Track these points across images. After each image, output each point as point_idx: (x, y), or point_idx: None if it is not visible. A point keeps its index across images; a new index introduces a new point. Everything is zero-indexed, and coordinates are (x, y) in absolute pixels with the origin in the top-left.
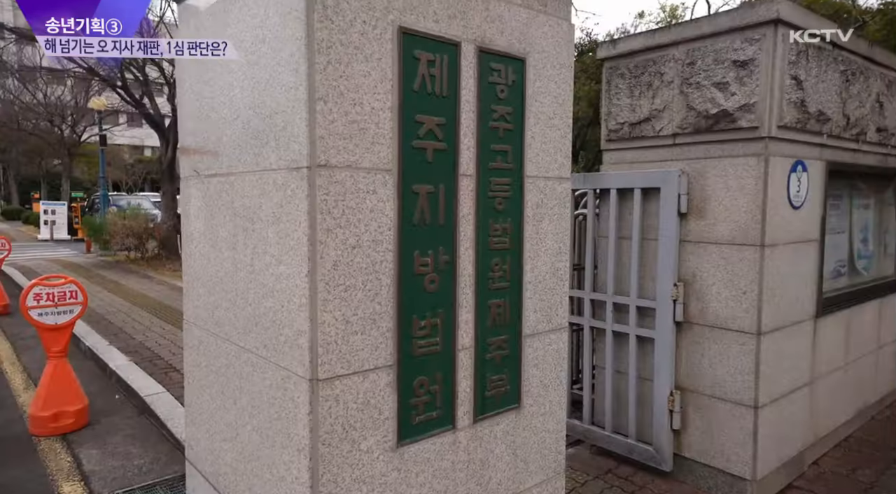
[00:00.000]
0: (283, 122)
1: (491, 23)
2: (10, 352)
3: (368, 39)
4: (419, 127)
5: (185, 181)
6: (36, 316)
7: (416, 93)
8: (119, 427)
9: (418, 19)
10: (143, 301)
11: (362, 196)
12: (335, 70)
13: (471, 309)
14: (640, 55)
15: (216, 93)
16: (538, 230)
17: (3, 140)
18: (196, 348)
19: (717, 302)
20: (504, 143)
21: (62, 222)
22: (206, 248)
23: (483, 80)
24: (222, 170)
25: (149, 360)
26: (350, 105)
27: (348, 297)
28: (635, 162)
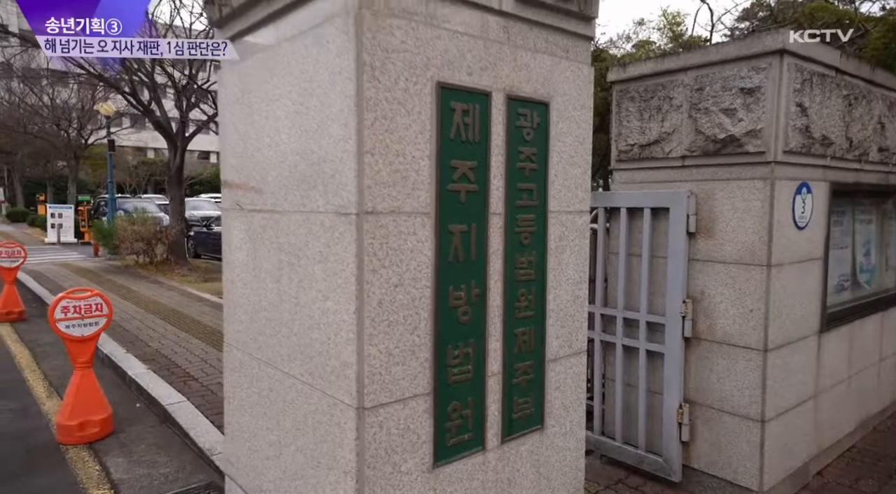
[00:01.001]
0: (332, 171)
1: (518, 71)
2: (29, 359)
3: (410, 95)
4: (454, 171)
5: (227, 213)
6: (63, 328)
7: (452, 141)
8: (143, 436)
9: (454, 74)
10: (155, 307)
11: (404, 238)
12: (381, 125)
13: (499, 337)
14: (649, 79)
15: (261, 135)
16: (560, 261)
17: (8, 143)
18: (237, 370)
19: (725, 319)
20: (530, 182)
21: (69, 225)
22: (249, 278)
23: (511, 124)
24: (266, 207)
25: (166, 369)
26: (394, 155)
27: (391, 331)
28: (645, 182)
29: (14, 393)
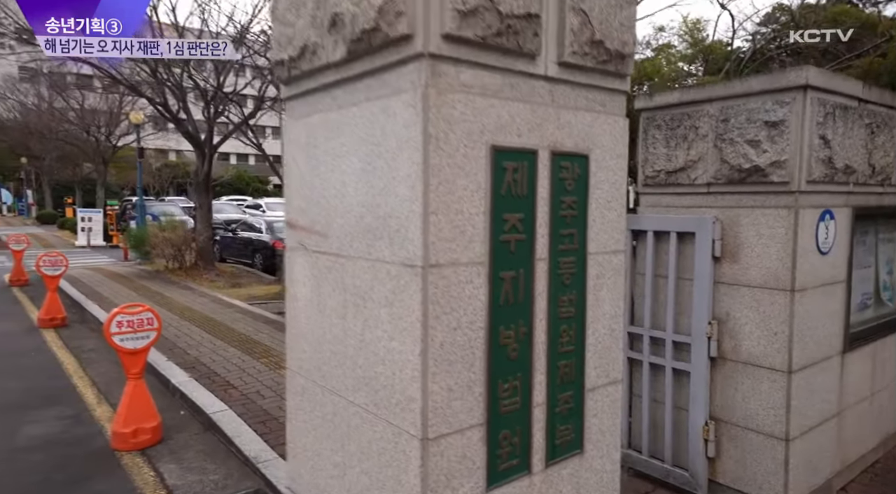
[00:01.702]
0: (398, 226)
1: (561, 129)
2: (76, 366)
3: (468, 159)
4: (505, 223)
5: (292, 251)
6: (118, 341)
7: (503, 196)
8: (190, 443)
9: (505, 136)
10: (190, 314)
11: (462, 286)
12: (444, 188)
13: (543, 370)
14: (675, 109)
15: (326, 185)
16: (598, 298)
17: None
18: (300, 394)
19: (750, 340)
20: (571, 228)
21: (98, 229)
22: (313, 312)
23: (554, 177)
24: (331, 250)
25: (207, 377)
26: (454, 213)
27: (451, 370)
28: (671, 206)
29: (66, 400)
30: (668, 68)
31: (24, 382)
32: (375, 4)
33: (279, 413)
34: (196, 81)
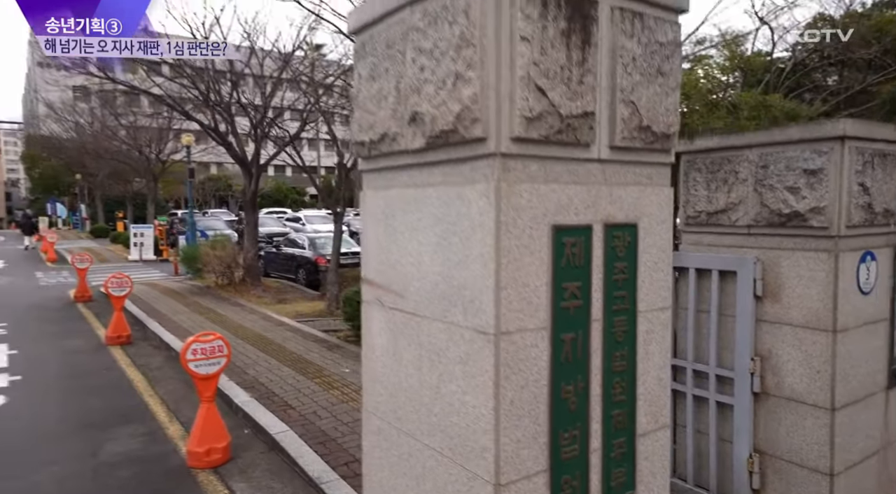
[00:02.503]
0: (472, 297)
1: (613, 203)
2: (145, 384)
3: (533, 240)
4: (565, 291)
5: (368, 304)
6: (193, 367)
7: (563, 268)
8: (256, 463)
9: (564, 216)
10: (243, 333)
11: (528, 349)
12: (512, 265)
13: (599, 420)
14: (715, 153)
15: (403, 253)
16: (647, 351)
17: (92, 164)
18: (376, 433)
19: (792, 377)
20: (623, 290)
21: (149, 244)
22: (389, 361)
23: (607, 246)
24: (408, 309)
25: (266, 397)
26: (521, 287)
27: (519, 423)
28: (712, 245)
29: (140, 418)
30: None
31: (102, 400)
32: (454, 110)
33: (336, 433)
34: (244, 107)
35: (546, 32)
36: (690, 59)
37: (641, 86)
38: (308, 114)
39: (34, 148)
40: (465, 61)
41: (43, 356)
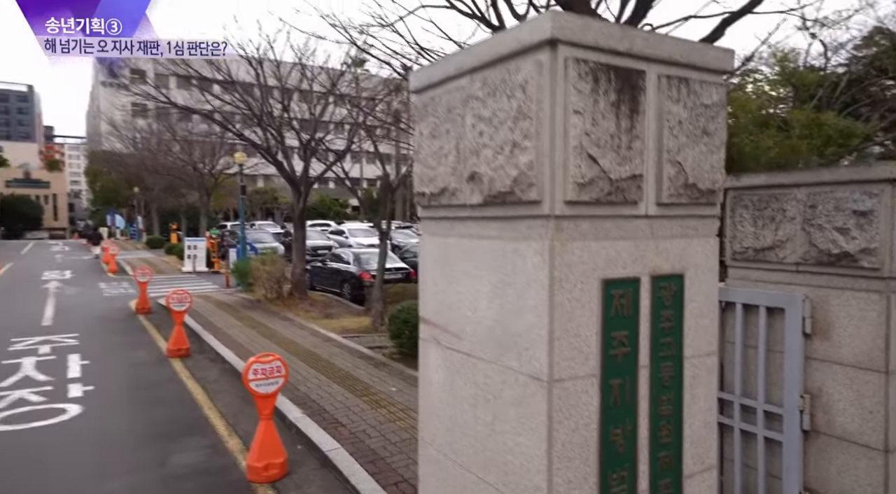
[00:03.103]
0: (526, 345)
1: (659, 255)
2: (205, 397)
3: (584, 293)
4: (613, 340)
5: (425, 342)
6: (254, 386)
7: (612, 318)
8: (310, 479)
9: (613, 270)
10: (294, 348)
11: (578, 395)
12: (564, 318)
13: (646, 461)
14: (762, 190)
15: (460, 298)
16: (694, 396)
17: (149, 178)
18: (432, 463)
19: (844, 417)
20: (669, 337)
21: (202, 256)
22: (446, 396)
23: (654, 296)
24: (464, 350)
25: (318, 414)
26: (573, 337)
27: (570, 465)
28: (760, 281)
29: (202, 430)
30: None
31: (166, 411)
32: (511, 175)
33: (385, 453)
34: (294, 128)
35: (597, 105)
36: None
37: (687, 146)
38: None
39: (97, 163)
40: (521, 131)
41: (112, 367)
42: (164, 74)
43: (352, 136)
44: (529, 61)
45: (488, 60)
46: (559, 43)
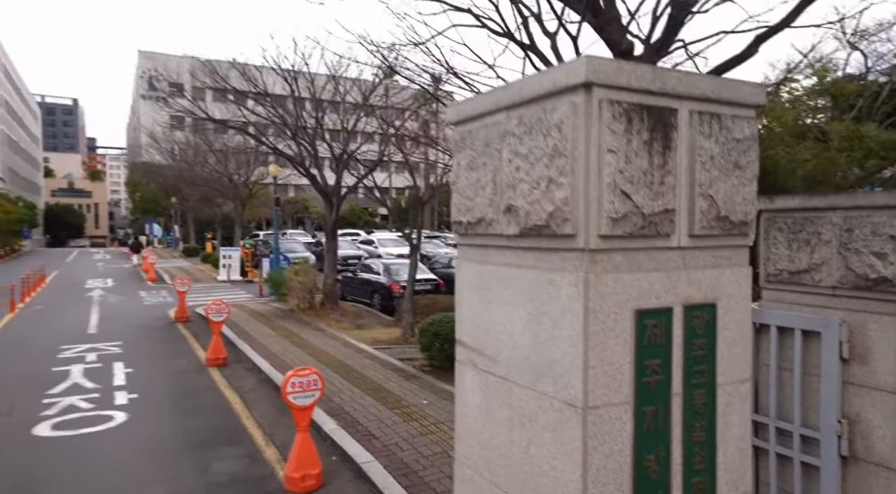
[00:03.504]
0: (561, 371)
1: (691, 285)
2: (242, 407)
3: (617, 323)
4: (647, 368)
5: (462, 364)
6: (292, 399)
7: (645, 347)
8: (345, 490)
9: (646, 301)
10: (326, 358)
11: (613, 422)
12: (599, 347)
13: (679, 487)
14: (796, 213)
15: (496, 323)
16: (727, 422)
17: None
18: (468, 482)
19: (883, 443)
20: (702, 365)
21: (236, 265)
22: (482, 418)
23: (686, 325)
24: (500, 373)
25: (351, 426)
26: (607, 365)
27: (605, 490)
28: (794, 304)
29: (240, 439)
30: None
31: (206, 420)
32: (547, 209)
33: (417, 466)
34: (327, 141)
35: (630, 144)
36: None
37: (719, 180)
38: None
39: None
40: (557, 168)
41: (154, 375)
42: (200, 87)
43: (383, 149)
44: (565, 102)
45: (524, 99)
46: (593, 86)
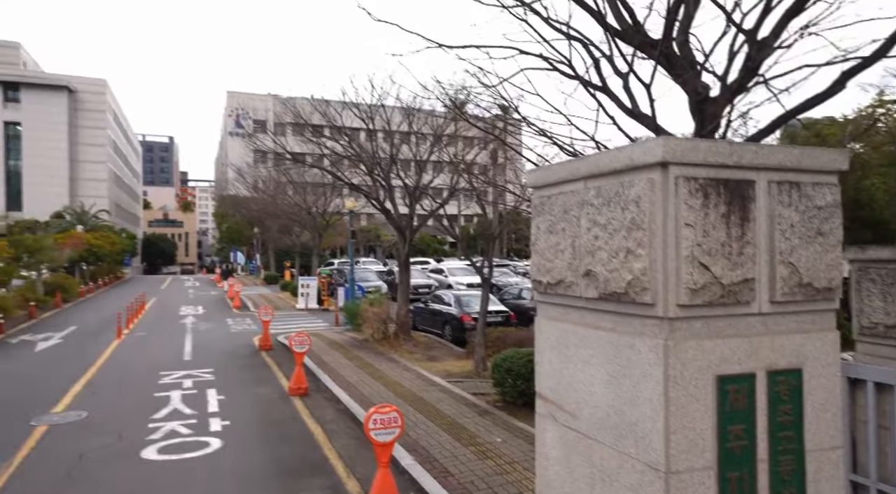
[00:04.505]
0: (642, 434)
1: (775, 351)
2: (323, 438)
3: (698, 389)
4: (729, 434)
5: (542, 417)
6: (374, 435)
7: (727, 412)
8: None
9: (727, 367)
10: (401, 390)
11: (696, 487)
12: (680, 412)
13: None
14: (891, 264)
15: (575, 380)
16: (818, 490)
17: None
18: None
19: None
20: (788, 431)
21: (313, 294)
22: (563, 472)
23: (771, 391)
24: (581, 430)
25: (427, 461)
26: (688, 431)
27: None
28: (890, 358)
29: (323, 470)
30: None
31: (291, 449)
32: (625, 278)
33: None
34: (402, 178)
35: (708, 218)
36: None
37: (800, 248)
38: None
39: (224, 206)
40: (635, 240)
41: (243, 402)
42: (281, 123)
43: (455, 181)
44: (642, 178)
45: (602, 171)
46: (670, 164)
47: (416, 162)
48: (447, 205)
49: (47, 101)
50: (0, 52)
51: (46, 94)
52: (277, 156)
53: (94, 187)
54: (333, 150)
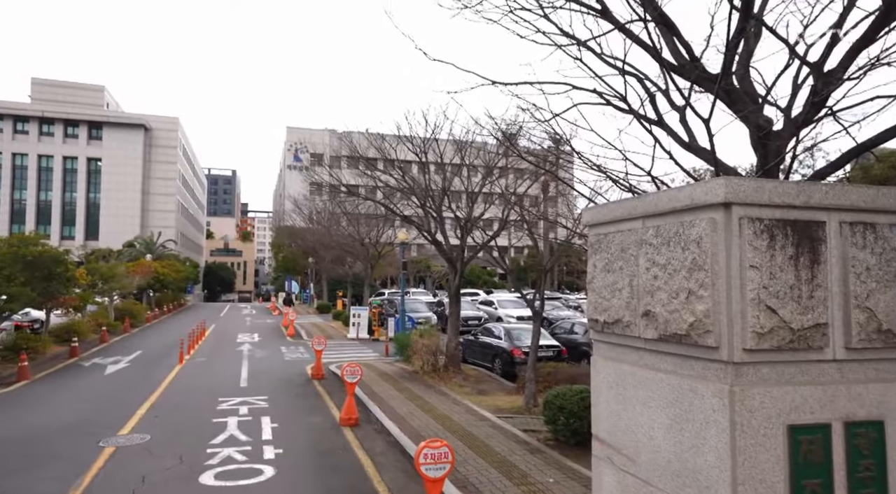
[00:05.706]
0: (707, 484)
1: (852, 401)
2: (373, 470)
3: (768, 438)
4: (804, 489)
5: (599, 460)
6: (424, 470)
7: (800, 465)
8: None
9: (799, 416)
10: (449, 424)
11: None
12: (748, 462)
13: None
14: None
15: (633, 423)
16: None
17: (322, 250)
18: None
19: None
20: (870, 489)
21: (364, 324)
22: None
23: (849, 443)
24: (640, 475)
25: None
26: (758, 483)
27: None
28: None
29: None
30: None
31: (342, 480)
32: (687, 320)
33: None
34: (454, 211)
35: (774, 260)
36: None
37: (877, 292)
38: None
39: (281, 237)
40: (697, 281)
41: (295, 431)
42: (336, 156)
43: (506, 214)
44: (703, 218)
45: (660, 210)
46: (733, 205)
47: (468, 194)
48: (498, 236)
49: (125, 138)
50: (87, 95)
51: (125, 132)
52: (333, 189)
53: (162, 218)
54: (387, 183)
